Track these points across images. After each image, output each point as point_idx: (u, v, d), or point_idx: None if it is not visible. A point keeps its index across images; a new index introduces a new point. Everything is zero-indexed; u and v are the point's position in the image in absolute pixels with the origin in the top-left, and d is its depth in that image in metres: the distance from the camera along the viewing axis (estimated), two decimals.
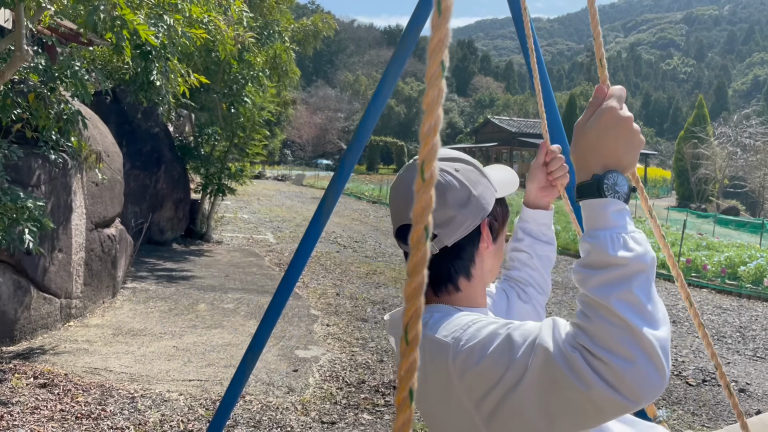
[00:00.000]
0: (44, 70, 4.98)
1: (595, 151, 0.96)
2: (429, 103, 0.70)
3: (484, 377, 0.94)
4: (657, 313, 0.87)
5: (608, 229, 0.92)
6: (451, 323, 1.05)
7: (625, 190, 0.95)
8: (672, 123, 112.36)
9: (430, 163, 0.69)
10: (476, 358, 0.95)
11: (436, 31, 0.71)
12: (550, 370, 0.87)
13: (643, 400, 0.84)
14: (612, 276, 0.88)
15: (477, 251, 1.19)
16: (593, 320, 0.86)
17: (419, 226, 0.71)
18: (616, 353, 0.83)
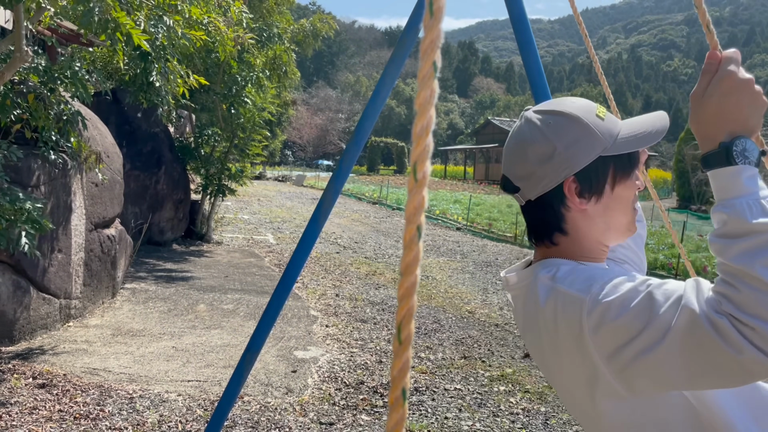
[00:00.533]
0: (44, 70, 4.98)
1: (719, 118, 0.94)
2: (421, 103, 0.70)
3: (621, 332, 0.94)
4: None
5: (743, 196, 0.90)
6: (582, 276, 1.04)
7: (756, 155, 0.93)
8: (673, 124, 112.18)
9: (422, 163, 0.69)
10: (614, 313, 0.95)
11: (428, 32, 0.71)
12: (696, 333, 0.87)
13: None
14: (754, 243, 0.87)
15: (565, 207, 1.15)
16: (739, 288, 0.85)
17: (411, 226, 0.71)
18: (765, 319, 0.83)
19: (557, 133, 1.13)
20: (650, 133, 1.15)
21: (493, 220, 19.24)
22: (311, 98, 68.41)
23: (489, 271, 11.05)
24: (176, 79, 5.72)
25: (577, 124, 1.13)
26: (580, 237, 1.16)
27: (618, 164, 1.14)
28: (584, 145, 1.12)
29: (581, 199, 1.14)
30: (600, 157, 1.12)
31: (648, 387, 0.97)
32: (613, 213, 1.15)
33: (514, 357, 5.88)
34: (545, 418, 4.47)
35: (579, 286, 1.02)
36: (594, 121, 1.13)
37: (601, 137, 1.12)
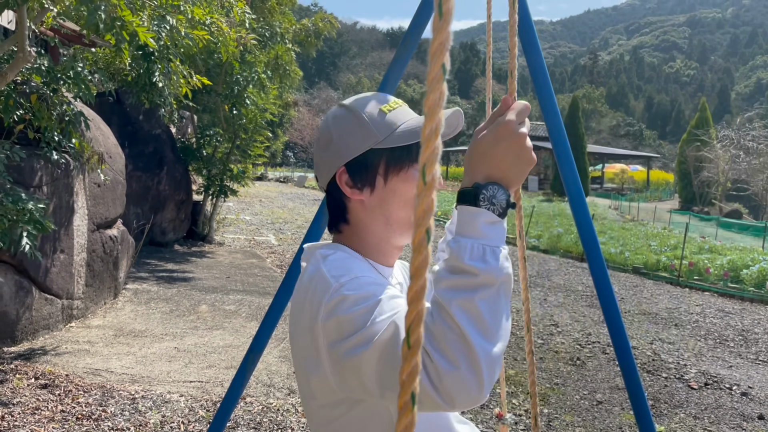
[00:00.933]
0: (47, 71, 4.99)
1: (483, 160, 0.96)
2: (430, 106, 0.70)
3: (344, 327, 0.97)
4: (496, 329, 0.88)
5: (472, 238, 0.92)
6: (344, 265, 1.09)
7: (503, 205, 0.94)
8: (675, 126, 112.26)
9: (431, 166, 0.69)
10: (346, 307, 0.99)
11: (437, 35, 0.71)
12: (390, 348, 0.91)
13: (456, 405, 0.87)
14: (459, 282, 0.89)
15: (346, 198, 1.21)
16: (434, 319, 0.88)
17: (420, 229, 0.70)
18: (443, 355, 0.86)
19: (337, 124, 1.20)
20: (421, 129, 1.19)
21: None
22: (313, 99, 68.42)
23: None
24: (179, 80, 5.72)
25: (354, 116, 1.18)
26: (362, 229, 1.21)
27: (390, 157, 1.17)
28: (356, 136, 1.17)
29: (353, 190, 1.19)
30: (371, 149, 1.16)
31: (353, 387, 1.00)
32: (390, 207, 1.18)
33: (517, 359, 5.87)
34: (548, 419, 4.46)
35: (335, 273, 1.06)
36: (373, 114, 1.18)
37: (374, 130, 1.16)
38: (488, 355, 0.86)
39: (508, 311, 0.92)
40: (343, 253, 1.17)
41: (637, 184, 44.67)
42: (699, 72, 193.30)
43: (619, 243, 15.13)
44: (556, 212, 22.55)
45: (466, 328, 0.86)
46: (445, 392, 0.86)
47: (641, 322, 8.02)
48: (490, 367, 0.86)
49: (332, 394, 1.08)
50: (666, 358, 6.33)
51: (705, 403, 5.11)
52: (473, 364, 0.85)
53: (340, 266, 1.09)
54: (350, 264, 1.11)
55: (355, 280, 1.04)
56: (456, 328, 0.86)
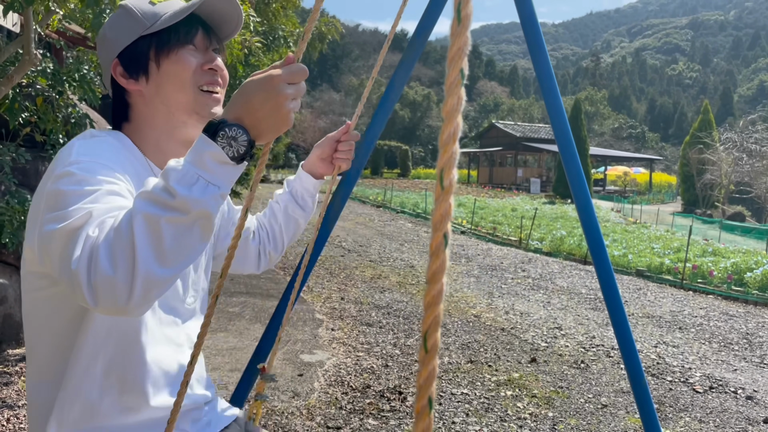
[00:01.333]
0: (52, 73, 5.00)
1: (241, 101, 0.95)
2: (449, 111, 0.70)
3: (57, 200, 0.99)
4: (173, 257, 0.88)
5: (192, 165, 0.91)
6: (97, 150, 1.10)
7: (241, 150, 0.93)
8: (677, 128, 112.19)
9: (449, 170, 0.69)
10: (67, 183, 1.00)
11: (455, 40, 0.71)
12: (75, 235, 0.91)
13: (99, 306, 0.87)
14: (155, 198, 0.88)
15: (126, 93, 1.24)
16: (121, 223, 0.88)
17: (438, 233, 0.70)
18: (108, 256, 0.86)
19: (110, 22, 1.26)
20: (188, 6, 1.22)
21: (497, 224, 19.24)
22: (315, 101, 68.53)
23: (494, 275, 11.04)
24: None
25: (124, 11, 1.24)
26: (143, 123, 1.24)
27: (159, 41, 1.21)
28: (125, 28, 1.23)
29: (129, 81, 1.23)
30: (141, 37, 1.21)
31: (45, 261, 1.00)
32: (166, 92, 1.22)
33: (521, 362, 5.87)
34: (553, 423, 4.46)
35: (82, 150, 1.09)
36: (140, 6, 1.24)
37: (142, 20, 1.22)
38: (149, 274, 0.86)
39: (197, 248, 0.91)
40: (112, 140, 1.18)
41: (640, 186, 44.62)
42: (701, 74, 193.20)
43: (622, 246, 15.11)
44: (558, 215, 22.53)
45: (139, 241, 0.85)
46: (92, 290, 0.86)
47: (645, 325, 8.01)
48: (146, 285, 0.86)
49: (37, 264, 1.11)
50: (670, 362, 6.32)
51: (710, 407, 5.10)
52: (130, 276, 0.85)
53: (94, 148, 1.10)
54: (105, 150, 1.11)
55: (92, 164, 1.04)
56: (131, 237, 0.86)
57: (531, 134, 46.23)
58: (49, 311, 1.16)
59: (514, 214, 21.46)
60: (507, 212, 22.40)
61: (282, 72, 0.94)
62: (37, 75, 4.97)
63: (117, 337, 1.16)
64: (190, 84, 1.22)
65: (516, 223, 18.69)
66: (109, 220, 0.91)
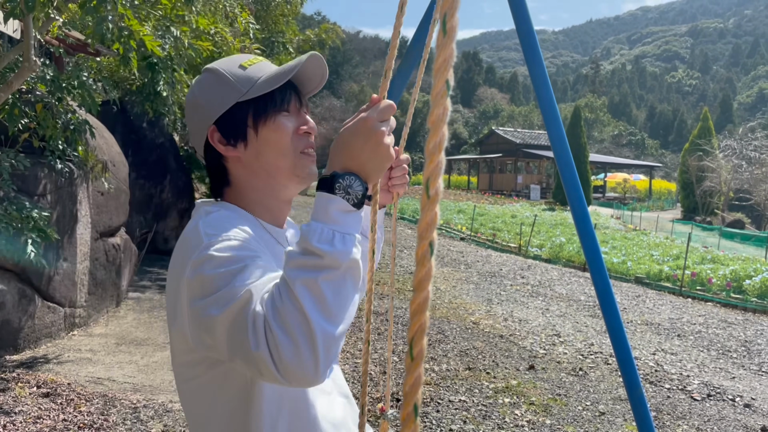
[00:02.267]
0: (52, 80, 5.02)
1: (343, 151, 0.98)
2: (434, 121, 0.71)
3: (204, 287, 1.00)
4: (338, 311, 0.90)
5: (323, 223, 0.94)
6: (222, 224, 1.10)
7: (359, 195, 0.96)
8: (677, 135, 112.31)
9: (435, 180, 0.70)
10: (210, 267, 1.01)
11: (441, 51, 0.72)
12: (241, 316, 0.93)
13: (293, 382, 0.90)
14: (305, 263, 0.91)
15: (223, 159, 1.23)
16: (281, 296, 0.90)
17: (424, 242, 0.71)
18: (284, 330, 0.88)
19: (201, 87, 1.23)
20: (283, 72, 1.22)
21: (497, 231, 19.23)
22: (315, 108, 68.63)
23: (493, 282, 11.03)
24: (183, 89, 5.75)
25: (215, 76, 1.22)
26: (243, 187, 1.24)
27: (256, 108, 1.20)
28: (220, 94, 1.20)
29: (227, 147, 1.22)
30: (237, 103, 1.20)
31: (207, 345, 1.02)
32: (266, 158, 1.21)
33: (519, 369, 5.86)
34: (550, 430, 4.45)
35: (209, 230, 1.08)
36: (233, 71, 1.22)
37: (236, 85, 1.20)
38: (326, 335, 0.88)
39: (354, 297, 0.94)
40: (226, 212, 1.19)
41: (640, 193, 44.64)
42: (701, 82, 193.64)
43: (622, 253, 15.11)
44: (557, 221, 22.53)
45: (306, 307, 0.88)
46: (283, 368, 0.88)
47: (644, 332, 8.00)
48: (327, 346, 0.89)
49: (190, 352, 1.11)
50: (669, 369, 6.31)
51: (708, 415, 5.09)
52: (310, 342, 0.87)
53: (217, 225, 1.10)
54: (228, 223, 1.12)
55: (226, 241, 1.05)
56: (298, 305, 0.88)
57: (531, 141, 46.28)
58: (212, 397, 1.14)
59: (514, 221, 21.46)
60: (507, 219, 22.40)
61: (372, 113, 0.98)
62: (36, 81, 4.99)
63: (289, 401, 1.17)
64: (290, 149, 1.23)
65: (515, 230, 18.69)
66: (267, 295, 0.94)
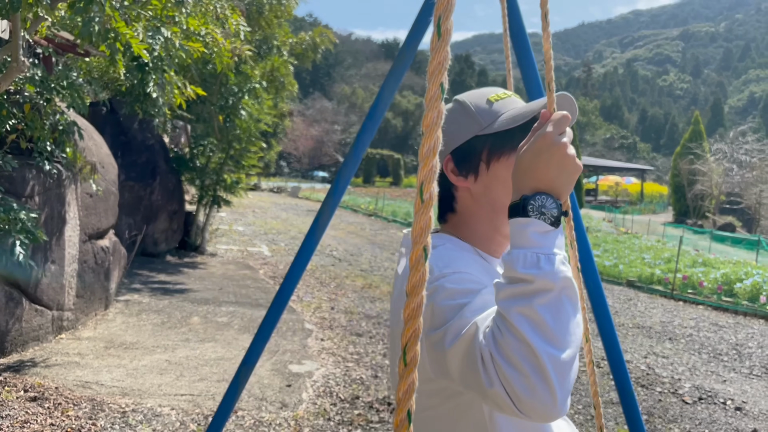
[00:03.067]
0: (40, 80, 4.96)
1: (528, 173, 0.97)
2: (428, 124, 0.68)
3: (434, 317, 1.01)
4: (562, 334, 0.87)
5: (525, 248, 0.92)
6: (448, 256, 1.13)
7: (554, 213, 0.94)
8: (668, 139, 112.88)
9: (429, 184, 0.67)
10: (441, 298, 1.02)
11: (435, 54, 0.70)
12: (470, 352, 0.93)
13: (533, 415, 0.87)
14: (516, 291, 0.89)
15: (453, 187, 1.25)
16: (501, 329, 0.88)
17: (418, 247, 0.69)
18: (511, 365, 0.86)
19: (447, 116, 1.21)
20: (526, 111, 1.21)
21: None
22: (307, 109, 68.51)
23: None
24: (173, 90, 5.70)
25: (461, 107, 1.25)
26: (468, 216, 1.25)
27: (493, 143, 1.21)
28: (462, 125, 1.23)
29: (458, 177, 1.23)
30: (476, 136, 1.21)
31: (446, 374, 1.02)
32: (494, 193, 1.21)
33: None
34: None
35: (440, 263, 1.10)
36: (478, 104, 1.24)
37: (479, 118, 1.22)
38: (555, 361, 0.85)
39: (576, 316, 0.90)
40: (451, 245, 1.19)
41: (631, 196, 44.81)
42: (692, 85, 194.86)
43: (613, 256, 15.14)
44: None
45: (528, 335, 0.85)
46: (519, 402, 0.86)
47: (635, 335, 8.01)
48: (559, 372, 0.85)
49: (428, 382, 1.09)
50: (660, 372, 6.32)
51: (699, 418, 5.09)
52: (540, 371, 0.84)
53: (446, 258, 1.12)
54: (456, 256, 1.13)
55: (457, 275, 1.06)
56: (519, 335, 0.86)
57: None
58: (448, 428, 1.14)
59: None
60: None
61: (549, 128, 0.97)
62: (24, 82, 4.94)
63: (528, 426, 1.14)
64: None
65: None
66: (488, 330, 0.92)
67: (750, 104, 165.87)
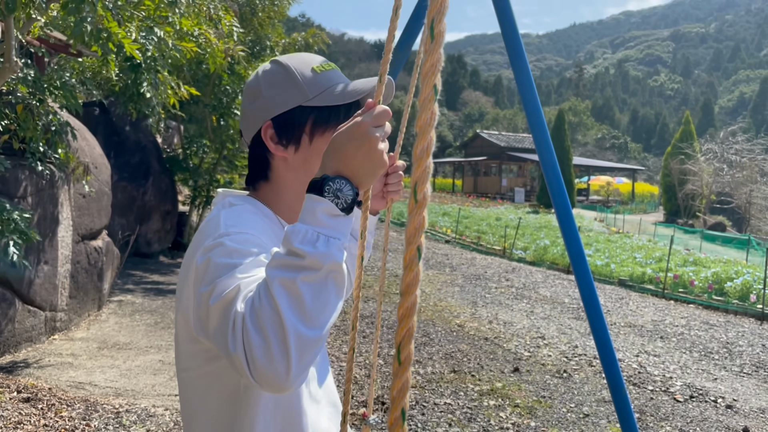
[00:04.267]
0: (33, 81, 4.96)
1: (335, 155, 0.96)
2: (422, 125, 0.70)
3: (208, 272, 1.00)
4: (316, 314, 0.89)
5: (309, 225, 0.93)
6: (242, 219, 1.11)
7: (348, 200, 0.94)
8: (659, 139, 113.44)
9: (423, 184, 0.69)
10: (218, 254, 1.02)
11: (428, 56, 0.72)
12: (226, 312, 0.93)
13: (264, 384, 0.88)
14: (286, 262, 0.90)
15: (269, 153, 1.22)
16: (260, 295, 0.89)
17: (411, 246, 0.71)
18: (258, 331, 0.87)
19: (267, 77, 1.21)
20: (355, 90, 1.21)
21: (482, 233, 19.28)
22: None
23: (478, 284, 11.06)
24: (167, 90, 5.71)
25: (286, 72, 1.20)
26: (281, 186, 1.24)
27: (318, 116, 1.19)
28: (286, 92, 1.19)
29: (278, 146, 1.21)
30: (300, 106, 1.18)
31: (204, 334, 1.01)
32: (313, 167, 1.20)
33: (504, 371, 5.88)
34: None
35: (229, 221, 1.09)
36: (304, 72, 1.20)
37: (304, 88, 1.19)
38: (300, 337, 0.86)
39: (336, 302, 0.93)
40: (250, 206, 1.19)
41: (623, 196, 45.01)
42: (683, 86, 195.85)
43: (605, 255, 15.21)
44: (542, 224, 22.64)
45: (282, 306, 0.86)
46: (255, 368, 0.87)
47: (627, 334, 8.06)
48: (300, 349, 0.86)
49: (192, 342, 1.10)
50: (652, 371, 6.36)
51: (690, 416, 5.13)
52: (283, 343, 0.86)
53: (237, 218, 1.11)
54: (248, 219, 1.12)
55: (241, 235, 1.05)
56: (273, 304, 0.87)
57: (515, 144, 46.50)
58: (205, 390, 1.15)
59: (499, 224, 21.54)
60: (491, 221, 22.48)
61: (366, 118, 0.96)
62: (17, 82, 4.93)
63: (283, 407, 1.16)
64: None
65: (500, 233, 18.75)
66: (250, 294, 0.93)
67: (740, 104, 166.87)
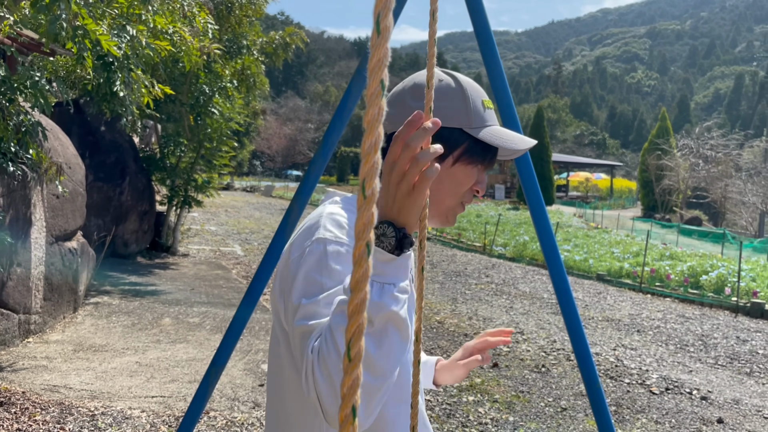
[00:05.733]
0: (3, 80, 4.87)
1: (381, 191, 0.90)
2: (369, 121, 0.70)
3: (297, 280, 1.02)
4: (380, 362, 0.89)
5: None
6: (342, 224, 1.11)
7: (392, 242, 0.89)
8: (637, 135, 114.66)
9: (371, 180, 0.69)
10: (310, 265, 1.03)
11: (375, 51, 0.71)
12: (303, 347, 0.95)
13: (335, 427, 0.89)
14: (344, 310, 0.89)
15: None
16: (327, 344, 0.89)
17: (361, 242, 0.70)
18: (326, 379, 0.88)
19: (442, 88, 1.19)
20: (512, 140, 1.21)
21: (462, 230, 19.34)
22: (280, 108, 68.16)
23: (458, 281, 11.10)
24: (140, 89, 5.64)
25: (462, 93, 1.20)
26: None
27: (473, 147, 1.19)
28: (454, 109, 1.18)
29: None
30: (460, 129, 1.18)
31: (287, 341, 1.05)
32: (442, 188, 1.19)
33: (483, 367, 5.90)
34: (513, 427, 4.49)
35: (330, 226, 1.09)
36: (476, 101, 1.20)
37: (471, 114, 1.19)
38: (366, 387, 0.87)
39: (399, 347, 0.91)
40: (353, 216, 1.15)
41: (601, 192, 45.44)
42: (659, 82, 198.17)
43: (584, 250, 15.35)
44: (521, 220, 22.78)
45: None
46: (327, 414, 0.88)
47: (605, 328, 8.14)
48: (366, 396, 0.87)
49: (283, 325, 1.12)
50: (628, 364, 6.43)
51: (666, 408, 5.20)
52: None
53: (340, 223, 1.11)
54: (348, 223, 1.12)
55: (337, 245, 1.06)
56: (339, 353, 0.87)
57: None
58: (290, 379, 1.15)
59: (479, 220, 21.63)
60: (471, 218, 22.56)
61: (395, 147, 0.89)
62: None
63: None
64: (460, 195, 1.22)
65: (480, 229, 18.83)
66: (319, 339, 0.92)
67: (715, 100, 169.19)
